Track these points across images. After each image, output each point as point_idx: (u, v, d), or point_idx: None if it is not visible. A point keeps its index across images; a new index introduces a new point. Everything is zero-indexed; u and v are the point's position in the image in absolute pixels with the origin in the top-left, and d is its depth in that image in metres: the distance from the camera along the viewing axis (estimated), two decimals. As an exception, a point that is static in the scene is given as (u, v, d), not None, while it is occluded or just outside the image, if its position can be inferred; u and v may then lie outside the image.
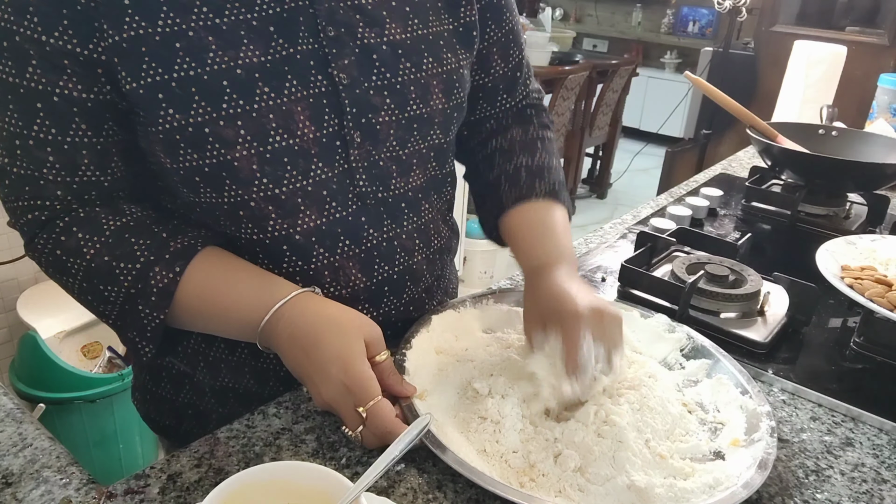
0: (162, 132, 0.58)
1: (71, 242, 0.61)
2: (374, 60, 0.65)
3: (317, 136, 0.63)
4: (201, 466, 0.58)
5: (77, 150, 0.59)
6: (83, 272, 0.61)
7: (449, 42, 0.71)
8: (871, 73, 2.32)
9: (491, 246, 2.97)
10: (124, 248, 0.61)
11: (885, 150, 1.32)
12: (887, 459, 0.66)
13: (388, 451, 0.53)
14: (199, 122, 0.57)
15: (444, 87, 0.70)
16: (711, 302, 0.87)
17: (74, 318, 1.74)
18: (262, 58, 0.59)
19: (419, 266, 0.75)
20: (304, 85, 0.61)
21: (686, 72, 1.46)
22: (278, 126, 0.60)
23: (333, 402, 0.58)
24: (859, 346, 0.83)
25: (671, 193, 1.39)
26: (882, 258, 0.92)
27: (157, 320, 0.61)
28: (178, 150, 0.59)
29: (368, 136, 0.66)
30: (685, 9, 6.16)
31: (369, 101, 0.65)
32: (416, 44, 0.67)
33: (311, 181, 0.64)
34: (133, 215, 0.63)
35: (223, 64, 0.57)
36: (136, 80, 0.56)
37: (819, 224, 1.23)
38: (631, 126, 6.04)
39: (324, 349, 0.58)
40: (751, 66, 4.17)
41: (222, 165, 0.60)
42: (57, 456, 0.59)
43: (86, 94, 0.57)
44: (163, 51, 0.56)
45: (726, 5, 3.15)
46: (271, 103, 0.59)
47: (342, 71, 0.63)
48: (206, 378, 0.74)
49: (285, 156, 0.61)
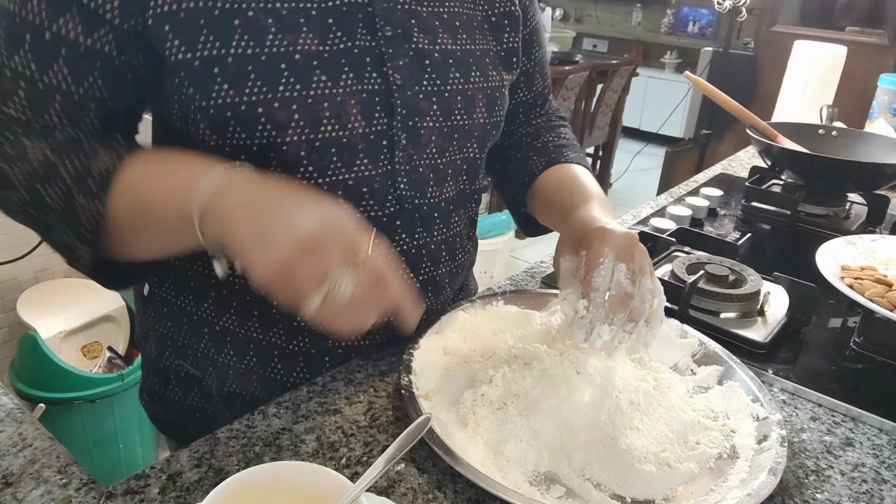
0: (213, 107, 0.57)
1: (17, 150, 0.56)
2: (426, 65, 0.66)
3: (366, 131, 0.63)
4: (201, 466, 0.58)
5: (50, 92, 0.56)
6: (26, 177, 0.55)
7: (493, 61, 0.73)
8: (871, 73, 2.32)
9: (491, 245, 3.00)
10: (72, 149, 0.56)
11: (884, 150, 1.32)
12: (887, 459, 0.66)
13: (389, 451, 0.53)
14: (254, 101, 0.57)
15: (487, 101, 0.72)
16: (711, 302, 0.87)
17: (74, 318, 1.74)
18: (321, 47, 0.59)
19: (442, 278, 0.75)
20: (360, 79, 0.61)
21: (686, 72, 1.46)
22: (331, 116, 0.60)
23: (316, 239, 0.47)
24: (859, 346, 0.83)
25: (671, 193, 1.39)
26: (882, 258, 0.92)
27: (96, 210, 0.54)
28: (226, 128, 0.58)
29: (412, 140, 0.66)
30: (685, 9, 6.16)
31: (418, 105, 0.65)
32: (464, 56, 0.69)
33: (353, 176, 0.64)
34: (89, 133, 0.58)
35: (282, 47, 0.57)
36: (192, 51, 0.55)
37: (819, 224, 1.23)
38: (631, 126, 6.04)
39: (298, 192, 0.50)
40: (751, 67, 4.17)
41: (271, 147, 0.59)
42: (57, 456, 0.59)
43: (82, 39, 0.55)
44: (222, 26, 0.55)
45: (726, 5, 3.15)
46: (327, 92, 0.59)
47: (396, 71, 0.63)
48: (214, 383, 0.74)
49: (333, 146, 0.61)
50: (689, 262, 0.95)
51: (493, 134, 0.75)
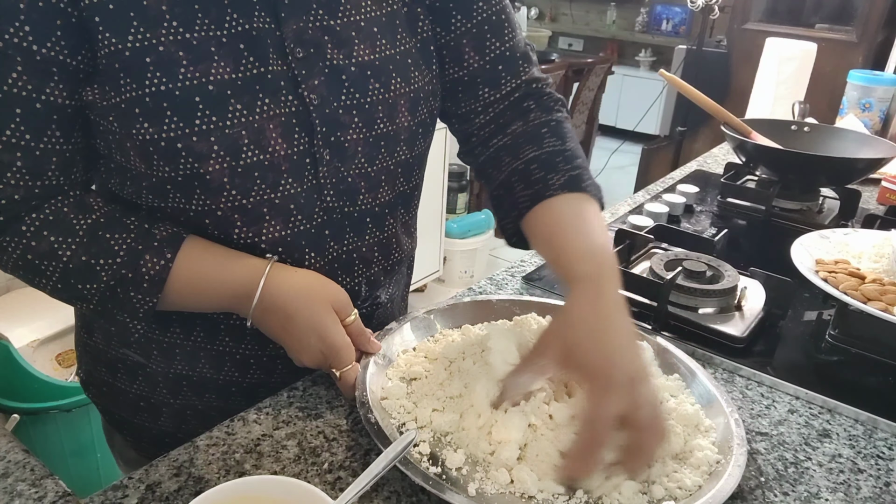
0: (139, 142, 0.59)
1: (43, 246, 0.61)
2: (343, 80, 0.65)
3: (288, 153, 0.64)
4: (181, 475, 0.57)
5: (47, 156, 0.59)
6: (59, 273, 0.61)
7: (416, 61, 0.71)
8: (841, 70, 2.36)
9: (471, 245, 3.00)
10: (101, 245, 0.61)
11: (855, 146, 1.34)
12: (863, 450, 0.67)
13: (371, 468, 0.53)
14: (172, 136, 0.58)
15: (410, 105, 0.70)
16: (689, 298, 0.88)
17: (48, 326, 1.71)
18: (234, 74, 0.59)
19: (377, 277, 0.76)
20: (276, 104, 0.62)
21: (661, 70, 1.48)
22: (250, 142, 0.61)
23: (316, 366, 0.66)
24: (834, 338, 0.85)
25: (648, 191, 1.41)
26: (855, 251, 0.93)
27: (148, 304, 0.63)
28: (151, 161, 0.60)
29: (337, 154, 0.67)
30: (658, 7, 6.22)
31: (338, 120, 0.66)
32: (384, 64, 0.68)
33: (279, 194, 0.65)
34: (101, 210, 0.63)
35: (194, 80, 0.57)
36: (119, 95, 0.57)
37: (793, 219, 1.25)
38: (607, 124, 6.08)
39: (298, 322, 0.64)
40: (724, 64, 4.22)
41: (194, 177, 0.61)
42: (31, 469, 0.57)
43: (69, 101, 0.58)
44: (134, 66, 0.56)
45: (699, 3, 3.18)
46: (244, 120, 0.60)
47: (312, 91, 0.63)
48: (160, 366, 0.74)
49: (256, 170, 0.62)
50: (666, 258, 0.95)
51: (419, 133, 0.73)
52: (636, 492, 0.56)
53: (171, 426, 0.77)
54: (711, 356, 0.80)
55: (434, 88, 0.74)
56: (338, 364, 0.64)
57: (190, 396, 0.75)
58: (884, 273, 0.86)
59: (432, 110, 0.75)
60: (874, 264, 0.88)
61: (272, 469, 0.58)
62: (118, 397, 0.79)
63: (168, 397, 0.76)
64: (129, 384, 0.77)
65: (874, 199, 1.45)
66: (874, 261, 0.89)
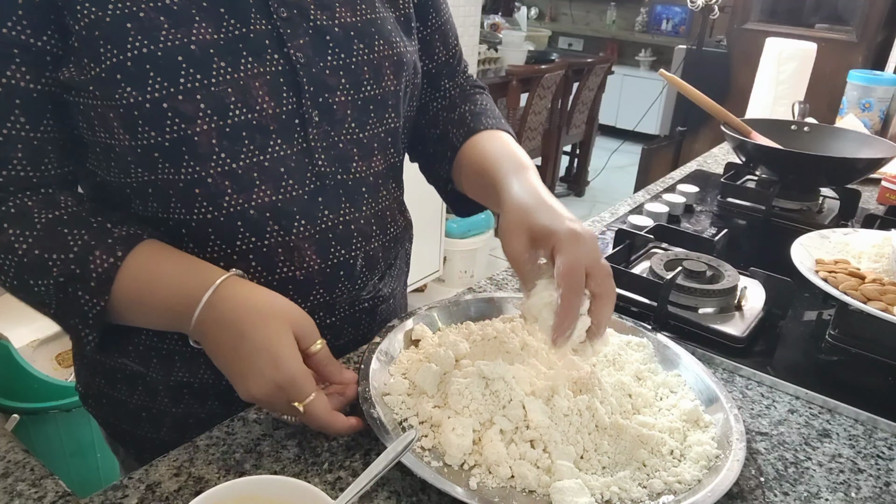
0: (122, 108, 0.58)
1: (2, 239, 0.60)
2: (327, 41, 0.66)
3: (276, 112, 0.63)
4: (181, 475, 0.57)
5: (11, 143, 0.59)
6: (15, 268, 0.60)
7: (396, 29, 0.73)
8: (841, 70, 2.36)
9: (471, 245, 3.00)
10: (56, 240, 0.59)
11: (855, 145, 1.34)
12: (863, 450, 0.67)
13: (371, 468, 0.53)
14: (157, 97, 0.58)
15: (394, 69, 0.72)
16: (689, 298, 0.88)
17: (47, 326, 1.71)
18: (216, 35, 0.59)
19: (375, 253, 0.75)
20: (261, 62, 0.62)
21: (661, 69, 1.48)
22: (237, 100, 0.61)
23: (265, 398, 0.56)
24: (834, 338, 0.85)
25: (648, 191, 1.41)
26: (855, 251, 0.93)
27: (98, 307, 0.59)
28: (136, 128, 0.59)
29: (326, 116, 0.67)
30: (658, 7, 6.23)
31: (325, 81, 0.66)
32: (366, 27, 0.69)
33: (268, 157, 0.64)
34: (68, 208, 0.62)
35: (176, 41, 0.57)
36: (98, 65, 0.56)
37: (793, 219, 1.25)
38: (607, 124, 6.08)
39: (250, 340, 0.56)
40: (724, 64, 4.23)
41: (182, 140, 0.60)
42: (31, 469, 0.57)
43: (32, 85, 0.58)
44: (116, 33, 0.56)
45: (699, 3, 3.18)
46: (229, 77, 0.60)
47: (298, 50, 0.64)
48: (160, 375, 0.73)
49: (244, 130, 0.62)
50: (666, 258, 0.95)
51: (405, 99, 0.75)
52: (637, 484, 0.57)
53: (173, 435, 0.75)
54: (711, 356, 0.80)
55: (416, 60, 0.77)
56: (296, 395, 0.56)
57: (192, 404, 0.74)
58: (884, 273, 0.86)
59: (414, 79, 0.76)
60: (874, 264, 0.88)
61: (272, 469, 0.58)
62: (118, 409, 0.77)
63: (170, 406, 0.74)
64: (128, 394, 0.75)
65: (874, 199, 1.45)
66: (874, 261, 0.89)
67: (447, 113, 0.85)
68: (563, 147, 4.34)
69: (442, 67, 0.86)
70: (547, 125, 4.06)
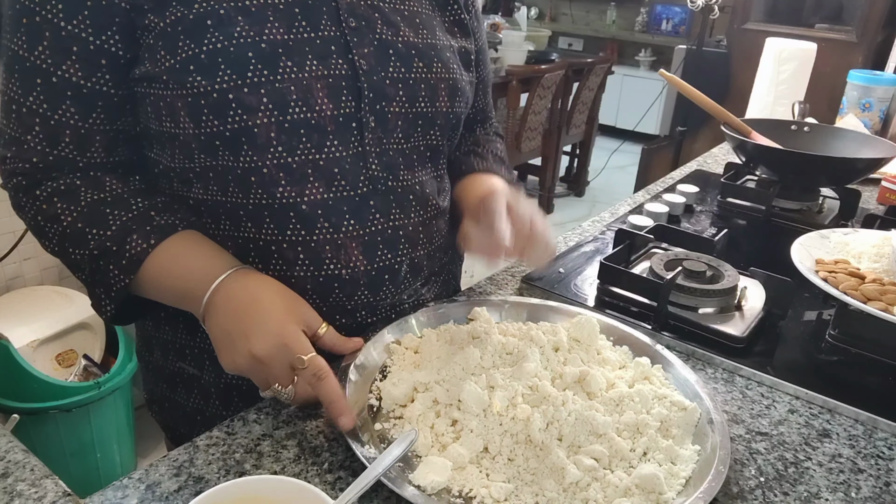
0: (190, 97, 0.62)
1: (50, 210, 0.67)
2: (390, 54, 0.70)
3: (334, 114, 0.67)
4: (181, 475, 0.57)
5: (61, 127, 0.65)
6: (58, 237, 0.67)
7: (454, 57, 0.78)
8: (841, 70, 2.36)
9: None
10: (98, 217, 0.66)
11: (855, 145, 1.34)
12: (863, 450, 0.67)
13: (371, 468, 0.53)
14: (224, 87, 0.62)
15: (449, 91, 0.76)
16: (689, 298, 0.88)
17: (48, 326, 1.71)
18: (286, 35, 0.64)
19: (420, 260, 0.77)
20: (325, 66, 0.66)
21: (661, 69, 1.48)
22: (298, 98, 0.64)
23: (265, 356, 0.59)
24: (834, 338, 0.85)
25: (648, 191, 1.40)
26: (855, 251, 0.93)
27: (122, 282, 0.66)
28: (201, 116, 0.63)
29: (381, 123, 0.70)
30: (658, 7, 6.22)
31: (384, 90, 0.70)
32: (426, 48, 0.73)
33: (323, 155, 0.67)
34: (113, 190, 0.68)
35: (248, 38, 0.62)
36: (174, 57, 0.62)
37: (793, 219, 1.25)
38: (607, 124, 6.08)
39: (264, 303, 0.62)
40: (724, 64, 4.23)
41: (242, 131, 0.64)
42: (31, 469, 0.57)
43: (83, 81, 0.63)
44: (196, 28, 0.61)
45: (699, 3, 3.18)
46: (293, 76, 0.64)
47: (362, 58, 0.68)
48: (212, 377, 0.76)
49: (302, 127, 0.65)
50: (666, 258, 0.95)
51: (453, 123, 0.79)
52: None
53: None
54: (711, 356, 0.80)
55: (471, 89, 0.82)
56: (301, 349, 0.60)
57: (241, 407, 0.74)
58: (884, 273, 0.86)
59: (467, 106, 0.81)
60: (874, 264, 0.88)
61: (272, 469, 0.58)
62: (177, 412, 0.81)
63: (221, 409, 0.77)
64: (186, 398, 0.79)
65: (874, 199, 1.45)
66: (874, 261, 0.89)
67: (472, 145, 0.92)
68: (563, 147, 4.34)
69: (478, 114, 0.94)
70: (547, 125, 4.06)
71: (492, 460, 0.59)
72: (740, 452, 0.65)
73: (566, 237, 1.14)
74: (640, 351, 0.75)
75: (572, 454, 0.59)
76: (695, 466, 0.60)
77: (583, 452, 0.59)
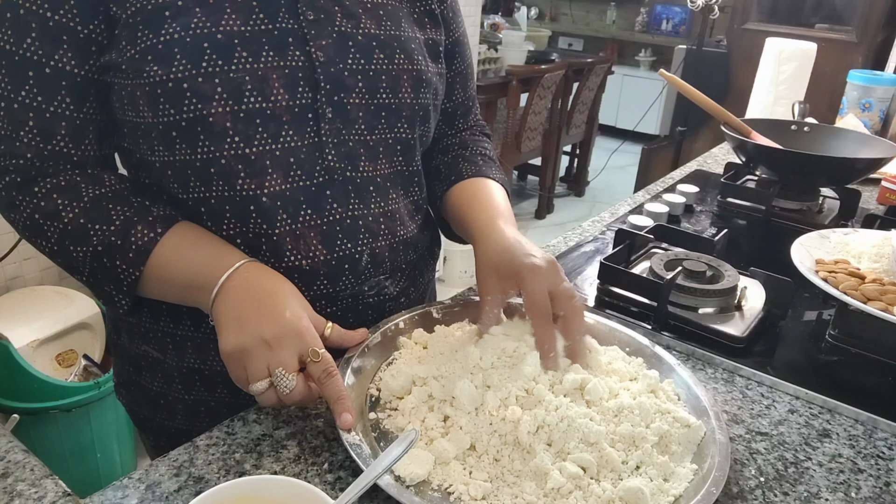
0: (147, 86, 0.63)
1: (49, 207, 0.66)
2: (349, 46, 0.70)
3: (290, 104, 0.67)
4: (181, 475, 0.57)
5: (57, 119, 0.65)
6: (58, 234, 0.66)
7: (420, 49, 0.77)
8: (841, 70, 2.36)
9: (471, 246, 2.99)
10: (100, 213, 0.66)
11: (855, 145, 1.34)
12: (863, 450, 0.67)
13: (371, 468, 0.53)
14: (179, 77, 0.62)
15: (413, 83, 0.75)
16: (689, 298, 0.88)
17: (48, 326, 1.71)
18: (243, 27, 0.64)
19: (382, 251, 0.76)
20: (282, 57, 0.66)
21: (661, 69, 1.48)
22: (253, 88, 0.64)
23: (274, 340, 0.59)
24: (834, 338, 0.85)
25: (648, 191, 1.41)
26: (855, 251, 0.93)
27: (133, 276, 0.65)
28: (158, 105, 0.63)
29: (339, 114, 0.70)
30: (658, 7, 6.22)
31: (343, 81, 0.69)
32: (388, 40, 0.73)
33: (279, 146, 0.67)
34: (112, 186, 0.68)
35: (205, 28, 0.63)
36: (134, 47, 0.62)
37: (793, 219, 1.25)
38: (607, 124, 6.08)
39: (281, 295, 0.62)
40: (724, 64, 4.23)
41: (198, 120, 0.64)
42: (31, 469, 0.57)
43: (77, 70, 0.64)
44: (155, 19, 0.62)
45: (699, 3, 3.18)
46: (248, 66, 0.64)
47: (319, 49, 0.68)
48: (175, 360, 0.76)
49: (258, 117, 0.65)
50: (666, 258, 0.95)
51: (421, 115, 0.77)
52: None
53: (185, 424, 0.79)
54: (711, 356, 0.80)
55: (439, 81, 0.80)
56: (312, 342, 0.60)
57: (202, 391, 0.76)
58: (884, 273, 0.86)
59: (435, 101, 0.79)
60: (874, 264, 0.88)
61: (272, 469, 0.58)
62: (141, 395, 0.81)
63: (182, 393, 0.77)
64: (150, 381, 0.79)
65: (874, 199, 1.45)
66: (874, 261, 0.89)
67: (459, 148, 0.91)
68: (563, 147, 4.34)
69: (458, 108, 0.92)
70: (547, 125, 4.06)
71: (478, 458, 0.59)
72: (740, 452, 0.65)
73: (566, 237, 1.14)
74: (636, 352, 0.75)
75: (559, 460, 0.58)
76: (688, 485, 0.58)
77: (570, 460, 0.58)
